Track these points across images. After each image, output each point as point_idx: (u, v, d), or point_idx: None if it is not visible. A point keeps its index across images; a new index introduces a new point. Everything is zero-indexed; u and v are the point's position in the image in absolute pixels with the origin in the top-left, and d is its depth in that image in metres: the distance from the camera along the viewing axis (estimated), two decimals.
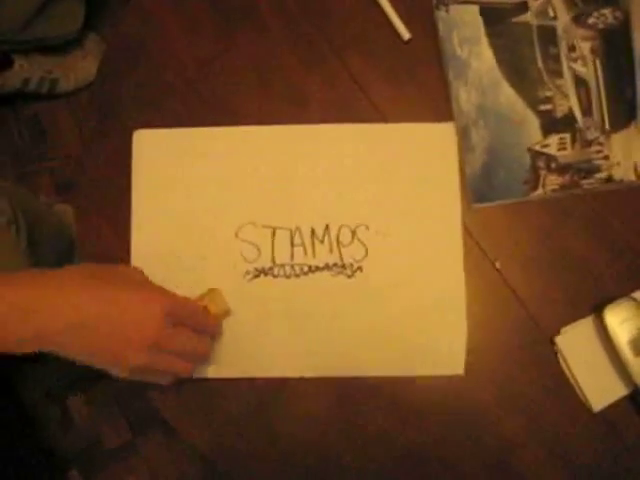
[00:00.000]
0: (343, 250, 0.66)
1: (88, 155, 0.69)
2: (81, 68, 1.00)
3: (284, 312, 0.65)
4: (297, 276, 0.66)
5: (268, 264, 0.66)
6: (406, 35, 0.68)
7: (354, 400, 0.65)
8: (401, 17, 0.68)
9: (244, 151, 0.67)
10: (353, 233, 0.66)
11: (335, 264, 0.65)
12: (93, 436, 1.22)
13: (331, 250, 0.66)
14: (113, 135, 0.69)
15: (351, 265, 0.65)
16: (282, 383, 0.65)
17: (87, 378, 1.17)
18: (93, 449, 1.23)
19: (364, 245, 0.65)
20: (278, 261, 0.66)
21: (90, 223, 0.68)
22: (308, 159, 0.67)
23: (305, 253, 0.66)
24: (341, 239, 0.66)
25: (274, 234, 0.66)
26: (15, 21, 0.87)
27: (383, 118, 0.67)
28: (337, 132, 0.67)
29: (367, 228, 0.66)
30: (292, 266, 0.66)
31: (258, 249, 0.66)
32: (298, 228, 0.66)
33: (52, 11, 0.94)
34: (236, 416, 0.65)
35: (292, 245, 0.66)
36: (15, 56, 0.94)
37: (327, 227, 0.66)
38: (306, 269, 0.66)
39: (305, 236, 0.66)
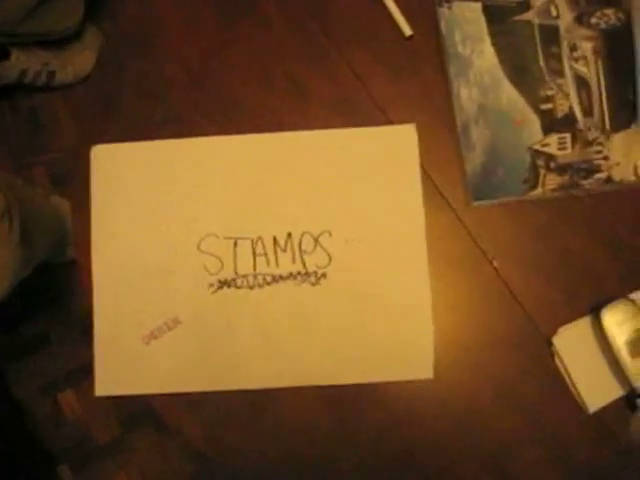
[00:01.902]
0: (306, 258, 0.65)
1: (85, 148, 0.68)
2: (79, 61, 0.99)
3: (249, 323, 0.65)
4: (260, 286, 0.65)
5: (231, 275, 0.65)
6: (408, 31, 0.67)
7: (349, 400, 0.64)
8: (403, 13, 0.68)
9: (204, 163, 0.67)
10: (316, 240, 0.65)
11: (299, 272, 0.65)
12: (84, 431, 1.21)
13: (294, 259, 0.65)
14: (111, 127, 0.69)
15: (315, 272, 0.65)
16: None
17: (79, 373, 1.16)
18: (84, 444, 1.21)
19: (327, 252, 0.65)
20: (241, 272, 0.65)
21: (84, 216, 0.67)
22: (268, 168, 0.66)
23: (268, 263, 0.65)
24: (304, 247, 0.65)
25: (236, 245, 0.66)
26: (13, 13, 0.86)
27: (383, 113, 0.67)
28: (298, 139, 0.67)
29: (330, 234, 0.65)
30: (255, 276, 0.65)
31: (220, 261, 0.66)
32: (260, 238, 0.65)
33: (51, 5, 0.93)
34: (230, 412, 0.65)
35: (254, 255, 0.65)
36: (12, 48, 0.92)
37: (289, 235, 0.65)
38: (269, 279, 0.65)
39: (267, 245, 0.65)
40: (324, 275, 0.64)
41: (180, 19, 0.70)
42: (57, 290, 1.23)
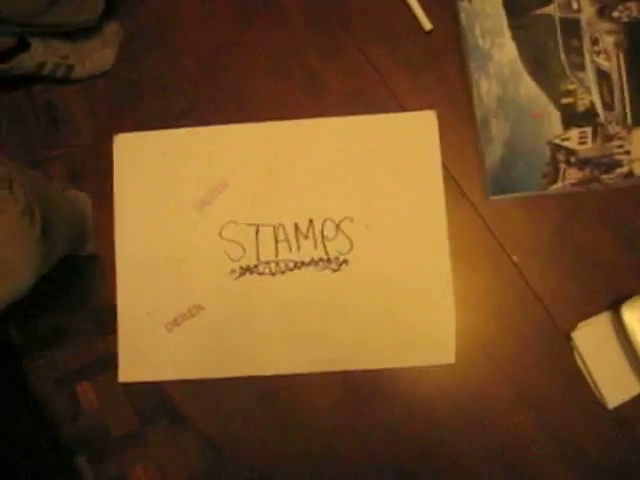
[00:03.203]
0: (328, 244, 0.65)
1: (103, 142, 0.69)
2: (98, 56, 1.00)
3: (271, 309, 0.65)
4: (282, 272, 0.65)
5: (253, 262, 0.66)
6: (427, 25, 0.67)
7: (362, 391, 0.64)
8: (423, 7, 0.67)
9: (225, 150, 0.67)
10: (337, 226, 0.65)
11: (320, 259, 0.65)
12: (101, 424, 1.22)
13: (316, 245, 0.65)
14: (129, 120, 0.69)
15: (337, 259, 0.65)
16: (291, 374, 0.65)
17: (96, 365, 1.18)
18: (101, 437, 1.23)
19: (349, 238, 0.65)
20: (263, 258, 0.66)
21: (106, 208, 0.68)
22: (289, 155, 0.67)
23: (290, 249, 0.66)
24: (325, 233, 0.66)
25: (258, 231, 0.66)
26: (35, 5, 0.86)
27: (402, 108, 0.67)
28: (318, 126, 0.67)
29: (351, 221, 0.65)
30: (277, 263, 0.66)
31: (242, 247, 0.66)
32: (282, 224, 0.66)
33: None
34: (245, 404, 0.65)
35: (276, 242, 0.66)
36: (32, 39, 0.93)
37: (311, 222, 0.66)
38: (291, 265, 0.65)
39: (289, 232, 0.66)
40: (345, 261, 0.65)
41: (198, 12, 0.71)
42: (75, 284, 1.24)
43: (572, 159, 0.64)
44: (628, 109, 0.64)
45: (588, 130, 0.64)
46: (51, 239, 0.92)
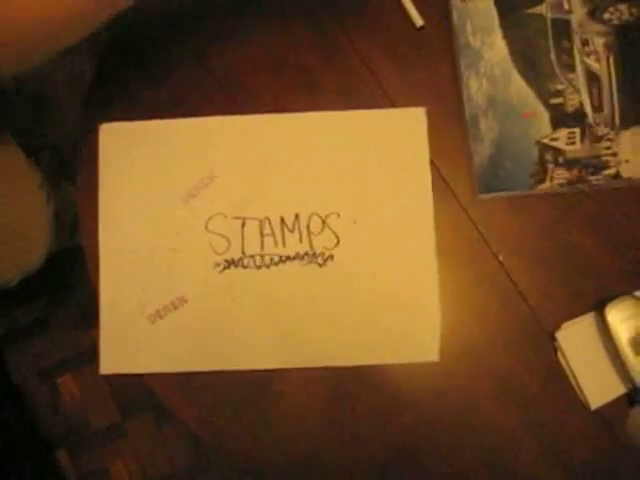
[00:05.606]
0: (314, 239, 0.65)
1: (90, 132, 0.68)
2: None
3: (256, 303, 0.65)
4: (267, 266, 0.65)
5: (238, 255, 0.66)
6: (419, 22, 0.67)
7: (346, 388, 0.64)
8: (415, 4, 0.67)
9: (212, 142, 0.67)
10: (324, 221, 0.65)
11: (306, 253, 0.65)
12: (82, 417, 1.21)
13: (301, 239, 0.65)
14: (117, 111, 0.69)
15: (322, 254, 0.65)
16: (275, 369, 0.65)
17: (78, 358, 1.17)
18: (81, 430, 1.22)
19: (335, 233, 0.65)
20: (248, 252, 0.65)
21: (88, 200, 0.67)
22: (277, 148, 0.66)
23: (275, 243, 0.65)
24: (311, 228, 0.65)
25: (244, 225, 0.66)
26: None
27: (392, 104, 0.66)
28: (306, 120, 0.67)
29: (338, 216, 0.65)
30: (262, 256, 0.65)
31: (228, 240, 0.66)
32: (267, 218, 0.66)
33: None
34: (230, 398, 0.65)
35: (262, 235, 0.65)
36: None
37: (297, 216, 0.66)
38: (276, 259, 0.65)
39: (275, 226, 0.65)
40: (331, 256, 0.65)
41: (190, 2, 0.70)
42: (58, 276, 1.23)
43: (560, 159, 0.64)
44: (617, 111, 0.64)
45: (577, 131, 0.64)
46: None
